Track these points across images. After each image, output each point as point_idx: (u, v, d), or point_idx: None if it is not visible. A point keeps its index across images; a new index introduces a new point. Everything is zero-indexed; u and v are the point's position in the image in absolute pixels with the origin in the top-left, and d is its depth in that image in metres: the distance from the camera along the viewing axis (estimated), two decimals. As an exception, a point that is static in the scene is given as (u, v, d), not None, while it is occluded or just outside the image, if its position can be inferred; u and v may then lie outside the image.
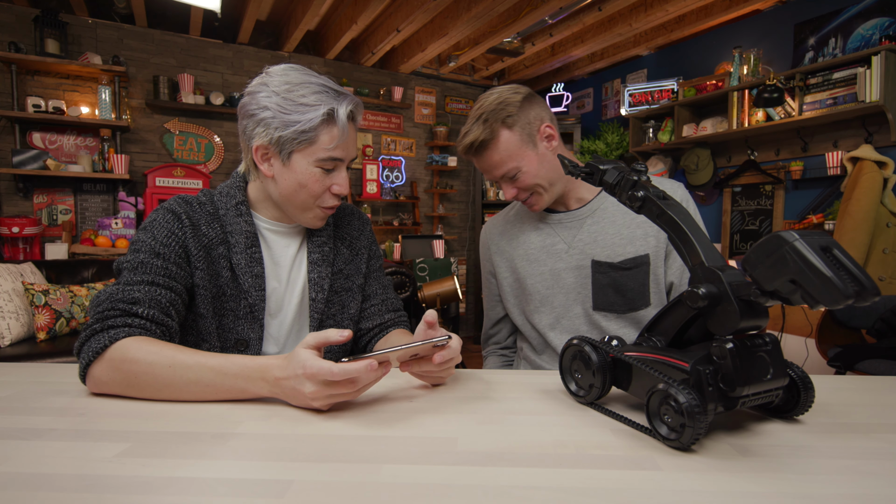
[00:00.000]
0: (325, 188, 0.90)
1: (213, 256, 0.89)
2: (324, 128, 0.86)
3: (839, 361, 2.17)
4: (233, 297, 0.89)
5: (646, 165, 0.72)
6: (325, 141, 0.86)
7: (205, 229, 0.89)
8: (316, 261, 0.98)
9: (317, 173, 0.88)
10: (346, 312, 1.02)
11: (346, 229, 1.06)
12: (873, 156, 2.69)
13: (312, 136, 0.85)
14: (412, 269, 4.03)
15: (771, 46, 3.42)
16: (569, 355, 0.71)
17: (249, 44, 4.12)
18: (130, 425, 0.59)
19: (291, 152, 0.87)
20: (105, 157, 3.46)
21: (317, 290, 0.97)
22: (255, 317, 0.90)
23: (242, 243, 0.90)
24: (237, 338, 0.90)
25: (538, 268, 1.12)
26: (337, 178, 0.91)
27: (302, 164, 0.87)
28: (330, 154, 0.87)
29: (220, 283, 0.89)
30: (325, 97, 0.86)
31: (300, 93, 0.85)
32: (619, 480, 0.47)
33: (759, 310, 0.54)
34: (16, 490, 0.44)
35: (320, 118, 0.84)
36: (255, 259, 0.91)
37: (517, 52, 4.18)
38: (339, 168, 0.91)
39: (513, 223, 1.21)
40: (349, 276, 1.03)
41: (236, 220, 0.91)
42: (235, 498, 0.43)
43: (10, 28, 3.32)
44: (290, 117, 0.84)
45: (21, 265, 2.72)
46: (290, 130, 0.84)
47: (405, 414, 0.65)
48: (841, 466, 0.51)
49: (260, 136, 0.87)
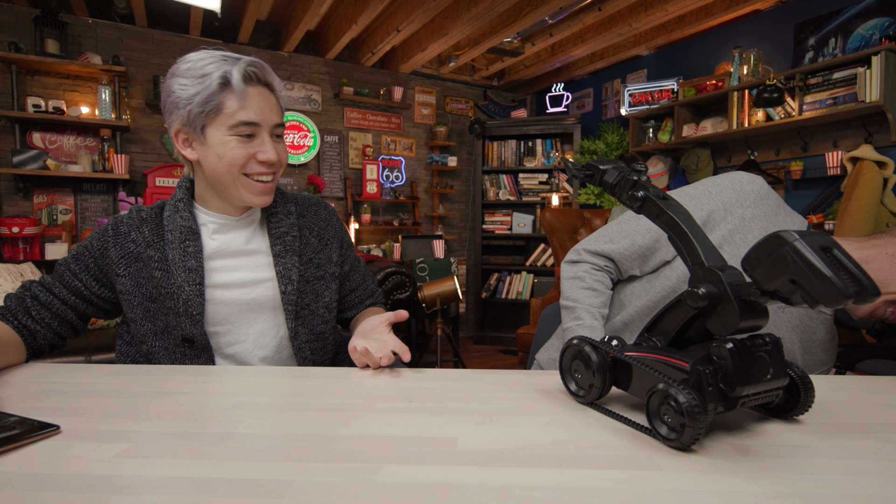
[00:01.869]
0: (247, 156, 0.88)
1: (143, 259, 0.91)
2: (224, 93, 0.85)
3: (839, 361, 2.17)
4: (169, 296, 0.89)
5: (646, 165, 0.72)
6: (231, 106, 0.85)
7: (133, 235, 0.92)
8: (279, 252, 0.97)
9: (232, 142, 0.87)
10: (320, 301, 1.02)
11: (311, 219, 1.05)
12: (873, 156, 2.69)
13: (216, 103, 0.85)
14: (412, 269, 4.03)
15: (771, 46, 3.42)
16: (569, 355, 0.71)
17: (249, 44, 4.12)
18: (130, 425, 0.59)
19: (204, 126, 0.87)
20: (105, 157, 3.46)
21: (285, 283, 0.96)
22: (192, 313, 0.89)
23: (178, 238, 0.91)
24: (183, 335, 0.90)
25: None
26: (259, 144, 0.89)
27: (216, 136, 0.87)
28: (238, 119, 0.86)
29: (153, 284, 0.90)
30: (220, 64, 0.85)
31: (197, 66, 0.85)
32: (619, 480, 0.47)
33: (759, 310, 0.54)
34: (16, 490, 0.44)
35: (217, 83, 0.84)
36: (190, 253, 0.90)
37: (517, 52, 4.18)
38: (259, 134, 0.89)
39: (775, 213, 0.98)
40: (319, 265, 1.03)
41: (174, 217, 0.92)
42: (235, 498, 0.43)
43: (10, 28, 3.32)
44: (191, 90, 0.84)
45: (21, 265, 2.72)
46: (194, 103, 0.84)
47: (405, 414, 0.65)
48: (841, 466, 0.51)
49: (175, 121, 0.88)
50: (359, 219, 4.52)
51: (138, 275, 0.91)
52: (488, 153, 4.91)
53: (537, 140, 4.81)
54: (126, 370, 0.84)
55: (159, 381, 0.78)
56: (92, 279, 0.92)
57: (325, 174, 4.48)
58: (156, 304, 0.91)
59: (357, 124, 4.64)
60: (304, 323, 1.00)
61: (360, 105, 4.63)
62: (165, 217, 0.93)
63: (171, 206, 0.95)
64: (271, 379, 0.81)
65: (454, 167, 4.92)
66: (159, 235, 0.92)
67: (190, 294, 0.89)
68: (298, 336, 0.99)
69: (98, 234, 0.93)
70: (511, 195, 4.86)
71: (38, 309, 0.89)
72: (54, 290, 0.91)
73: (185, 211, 0.93)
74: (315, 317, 1.01)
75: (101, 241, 0.92)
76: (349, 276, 1.11)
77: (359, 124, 4.64)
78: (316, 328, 1.01)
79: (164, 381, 0.78)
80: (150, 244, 0.91)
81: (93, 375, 0.80)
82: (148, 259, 0.90)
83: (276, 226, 0.99)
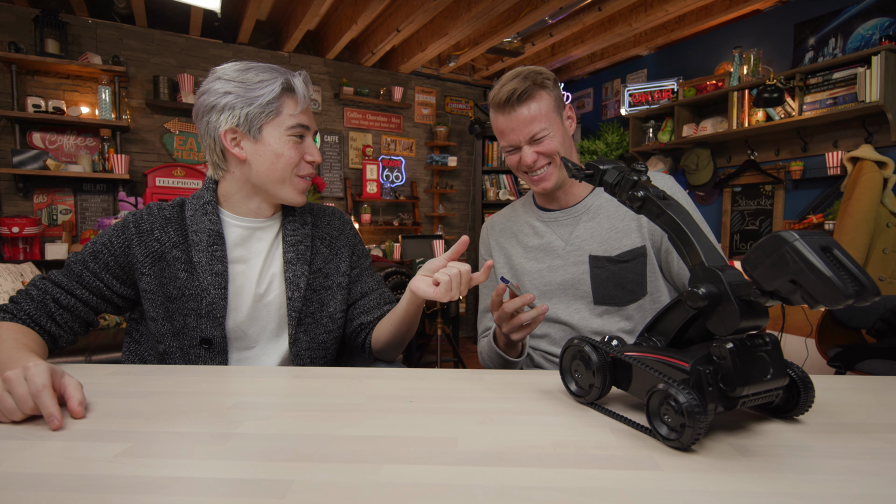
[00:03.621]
0: (300, 156, 0.95)
1: (167, 260, 0.92)
2: (285, 97, 0.93)
3: (839, 361, 2.17)
4: (192, 297, 0.91)
5: (646, 165, 0.72)
6: (291, 108, 0.93)
7: (157, 234, 0.93)
8: (291, 260, 1.00)
9: (290, 141, 0.94)
10: (325, 311, 1.03)
11: (325, 228, 1.08)
12: (873, 156, 2.69)
13: (277, 105, 0.92)
14: (412, 269, 4.03)
15: (771, 46, 3.42)
16: (569, 355, 0.71)
17: (249, 44, 4.12)
18: (130, 425, 0.59)
19: (261, 126, 0.92)
20: (105, 157, 3.45)
21: (293, 289, 0.99)
22: (215, 315, 0.92)
23: (205, 241, 0.93)
24: (201, 336, 0.91)
25: (535, 265, 1.14)
26: (308, 147, 0.97)
27: (274, 135, 0.93)
28: (297, 121, 0.93)
29: (176, 285, 0.91)
30: (276, 73, 0.93)
31: (253, 73, 0.92)
32: (619, 480, 0.47)
33: (759, 310, 0.54)
34: (16, 490, 0.44)
35: (280, 88, 0.92)
36: (217, 257, 0.93)
37: (517, 52, 4.18)
38: (307, 137, 0.97)
39: (512, 221, 1.23)
40: (328, 274, 1.05)
41: (202, 219, 0.94)
42: (235, 498, 0.43)
43: (10, 28, 3.32)
44: (252, 94, 0.91)
45: (21, 265, 2.72)
46: (255, 105, 0.91)
47: (405, 414, 0.65)
48: (841, 466, 0.51)
49: (226, 120, 0.92)
50: (359, 219, 4.52)
51: (161, 274, 0.91)
52: (488, 153, 4.90)
53: (537, 140, 4.81)
54: (126, 370, 0.84)
55: (159, 381, 0.78)
56: (113, 278, 0.91)
57: (325, 174, 4.48)
58: (175, 305, 0.91)
59: (357, 124, 4.64)
60: (307, 331, 1.01)
61: (360, 105, 4.63)
62: (188, 217, 0.95)
63: (195, 207, 0.96)
64: (271, 379, 0.81)
65: (454, 167, 4.92)
66: (183, 236, 0.93)
67: (215, 297, 0.91)
68: (299, 343, 1.00)
69: (118, 232, 0.92)
70: (511, 195, 4.86)
71: (62, 313, 0.88)
72: (75, 291, 0.89)
73: (213, 214, 0.95)
74: (318, 325, 1.03)
75: (122, 239, 0.91)
76: (361, 280, 1.11)
77: (359, 124, 4.64)
78: (318, 337, 1.03)
79: (164, 381, 0.78)
80: (176, 245, 0.92)
81: (93, 375, 0.80)
82: (173, 260, 0.92)
83: (291, 234, 1.02)
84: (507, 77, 1.06)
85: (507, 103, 1.05)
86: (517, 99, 1.03)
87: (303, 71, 0.97)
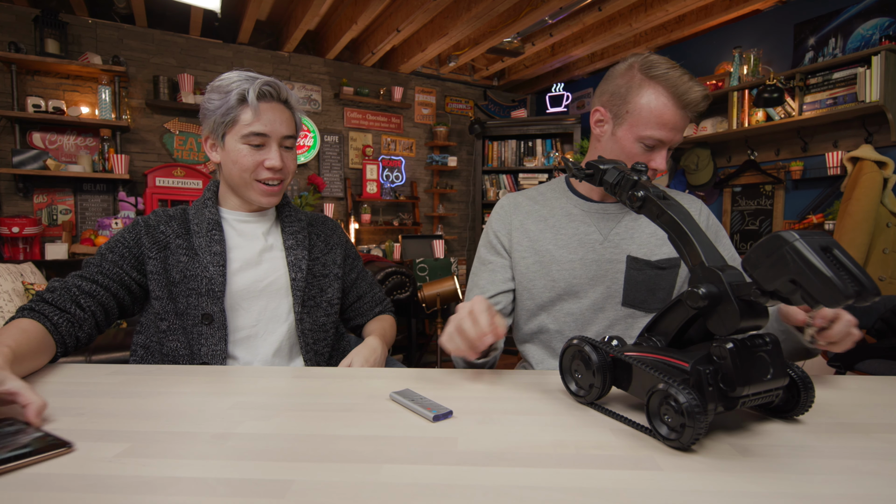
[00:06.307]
0: (256, 163, 1.02)
1: (171, 248, 1.03)
2: (241, 108, 1.00)
3: (839, 361, 2.17)
4: (193, 278, 1.00)
5: (646, 165, 0.72)
6: (245, 119, 1.00)
7: (163, 228, 1.04)
8: (291, 245, 1.10)
9: (244, 150, 1.01)
10: (324, 296, 1.13)
11: (319, 228, 1.20)
12: (873, 156, 2.69)
13: (234, 115, 1.00)
14: (412, 269, 4.03)
15: (771, 46, 3.42)
16: (569, 355, 0.71)
17: (249, 44, 4.12)
18: (130, 425, 0.59)
19: (224, 135, 1.02)
20: (105, 157, 3.45)
21: (295, 271, 1.08)
22: (214, 291, 1.00)
23: (204, 228, 1.04)
24: (202, 313, 1.00)
25: (567, 255, 1.07)
26: (267, 153, 1.02)
27: (232, 143, 1.02)
28: (250, 129, 1.00)
29: (178, 269, 1.01)
30: (241, 83, 1.00)
31: (224, 84, 1.01)
32: (619, 480, 0.47)
33: (759, 310, 0.54)
34: (16, 490, 0.44)
35: (235, 99, 0.99)
36: (215, 240, 1.03)
37: (517, 52, 4.18)
38: (268, 144, 1.03)
39: (541, 204, 1.13)
40: (325, 264, 1.16)
41: (202, 212, 1.06)
42: (235, 498, 0.43)
43: (10, 28, 3.32)
44: (216, 103, 1.01)
45: (21, 265, 2.72)
46: (217, 114, 1.00)
47: (405, 414, 0.65)
48: (841, 466, 0.51)
49: (205, 129, 1.05)
50: (359, 219, 4.52)
51: (166, 260, 1.02)
52: (488, 153, 4.90)
53: (537, 140, 4.81)
54: (126, 370, 0.84)
55: (159, 381, 0.78)
56: (129, 265, 1.00)
57: (325, 174, 4.48)
58: (178, 288, 1.00)
59: (357, 124, 4.63)
60: (309, 312, 1.10)
61: (360, 105, 4.63)
62: (191, 213, 1.07)
63: (198, 204, 1.08)
64: (271, 379, 0.81)
65: (454, 167, 4.92)
66: (186, 229, 1.05)
67: (214, 274, 1.00)
68: (304, 322, 1.08)
69: (129, 229, 1.05)
70: (511, 195, 4.85)
71: (85, 298, 0.94)
72: (96, 278, 0.97)
73: (213, 207, 1.07)
74: (318, 309, 1.12)
75: (133, 233, 1.03)
76: (356, 284, 1.23)
77: (359, 124, 4.64)
78: (319, 319, 1.11)
79: (164, 381, 0.78)
80: (179, 235, 1.04)
81: (93, 375, 0.80)
82: (176, 247, 1.02)
83: (289, 225, 1.13)
84: (691, 78, 0.99)
85: (692, 104, 0.98)
86: (701, 107, 0.99)
87: (268, 77, 1.03)
